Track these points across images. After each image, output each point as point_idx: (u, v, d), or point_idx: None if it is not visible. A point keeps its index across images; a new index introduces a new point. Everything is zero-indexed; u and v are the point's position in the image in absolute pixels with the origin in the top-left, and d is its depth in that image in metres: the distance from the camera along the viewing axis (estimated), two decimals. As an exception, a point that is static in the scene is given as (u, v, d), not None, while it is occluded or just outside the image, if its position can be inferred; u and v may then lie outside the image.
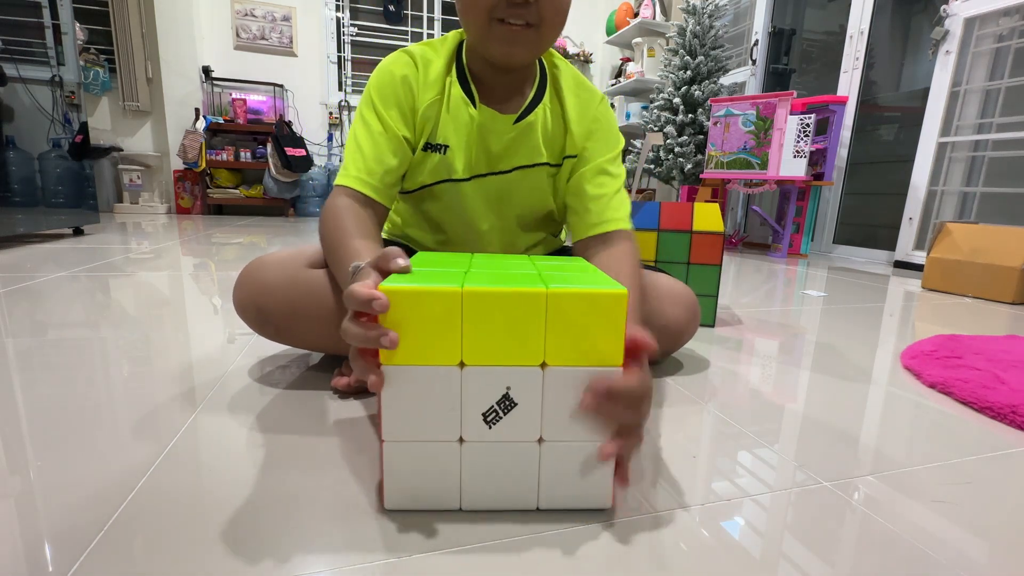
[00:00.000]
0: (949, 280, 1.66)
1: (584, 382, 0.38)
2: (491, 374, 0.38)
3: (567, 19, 0.64)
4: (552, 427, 0.39)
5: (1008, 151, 1.98)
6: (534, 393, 0.38)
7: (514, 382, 0.38)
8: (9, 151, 1.94)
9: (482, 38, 0.62)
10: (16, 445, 0.50)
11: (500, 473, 0.40)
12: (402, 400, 0.38)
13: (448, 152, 0.68)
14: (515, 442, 0.39)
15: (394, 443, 0.39)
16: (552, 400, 0.39)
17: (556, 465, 0.40)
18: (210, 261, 1.73)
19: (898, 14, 2.52)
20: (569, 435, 0.39)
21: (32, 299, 1.09)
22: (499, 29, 0.60)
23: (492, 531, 0.39)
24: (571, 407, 0.39)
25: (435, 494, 0.40)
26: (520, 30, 0.60)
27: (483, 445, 0.39)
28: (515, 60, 0.65)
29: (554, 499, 0.41)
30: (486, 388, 0.38)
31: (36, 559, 0.35)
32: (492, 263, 0.47)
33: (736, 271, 1.94)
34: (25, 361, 0.73)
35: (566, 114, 0.71)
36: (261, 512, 0.41)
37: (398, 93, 0.66)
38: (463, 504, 0.41)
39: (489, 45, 0.63)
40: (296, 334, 0.66)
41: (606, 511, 0.42)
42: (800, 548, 0.39)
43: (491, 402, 0.38)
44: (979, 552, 0.39)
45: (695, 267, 1.03)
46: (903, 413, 0.67)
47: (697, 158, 2.85)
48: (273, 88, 3.94)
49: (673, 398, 0.68)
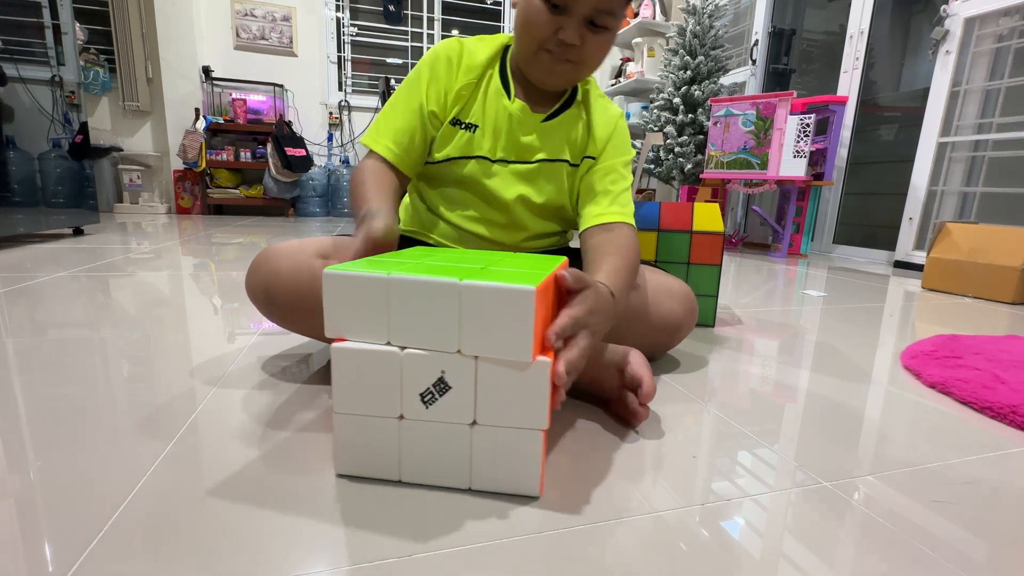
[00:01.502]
0: (949, 280, 1.66)
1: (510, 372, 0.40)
2: (427, 359, 0.41)
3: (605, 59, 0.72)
4: (485, 412, 0.42)
5: (1008, 151, 1.98)
6: (467, 379, 0.41)
7: (448, 367, 0.41)
8: (9, 151, 1.94)
9: (527, 61, 0.70)
10: (16, 445, 0.50)
11: (436, 451, 0.43)
12: (350, 377, 0.42)
13: (477, 132, 0.74)
14: (449, 423, 0.42)
15: (343, 415, 0.43)
16: (485, 387, 0.41)
17: (488, 448, 0.43)
18: (210, 261, 1.73)
19: (898, 14, 2.52)
20: (500, 420, 0.42)
21: (32, 299, 1.09)
22: (545, 58, 0.68)
23: (490, 527, 0.39)
24: (504, 394, 0.41)
25: (378, 465, 0.44)
26: (562, 65, 0.68)
27: (421, 424, 0.42)
28: (550, 87, 0.73)
29: (485, 481, 0.44)
30: (422, 371, 0.41)
31: (36, 559, 0.35)
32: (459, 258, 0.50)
33: (736, 271, 1.94)
34: (25, 361, 0.73)
35: (591, 121, 0.77)
36: (261, 512, 0.41)
37: (440, 73, 0.73)
38: (402, 476, 0.44)
39: (532, 68, 0.71)
40: (300, 321, 0.68)
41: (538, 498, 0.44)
42: (800, 548, 0.39)
43: (427, 384, 0.41)
44: (979, 552, 0.39)
45: (695, 267, 1.03)
46: (903, 413, 0.67)
47: (697, 158, 2.85)
48: (273, 88, 3.94)
49: (673, 398, 0.68)
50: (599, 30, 0.65)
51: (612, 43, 0.69)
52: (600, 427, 0.58)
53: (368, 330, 0.41)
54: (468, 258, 0.50)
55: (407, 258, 0.48)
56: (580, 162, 0.77)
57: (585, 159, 0.77)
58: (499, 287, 0.39)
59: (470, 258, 0.51)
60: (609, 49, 0.70)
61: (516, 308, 0.39)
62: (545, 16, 0.64)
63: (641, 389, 0.56)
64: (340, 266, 0.42)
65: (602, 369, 0.61)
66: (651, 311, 0.74)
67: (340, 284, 0.41)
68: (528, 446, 0.42)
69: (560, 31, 0.64)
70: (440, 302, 0.40)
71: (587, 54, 0.67)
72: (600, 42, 0.67)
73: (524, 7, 0.67)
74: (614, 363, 0.61)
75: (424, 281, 0.40)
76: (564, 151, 0.76)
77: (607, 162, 0.76)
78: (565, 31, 0.64)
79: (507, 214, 0.77)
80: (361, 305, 0.41)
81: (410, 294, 0.40)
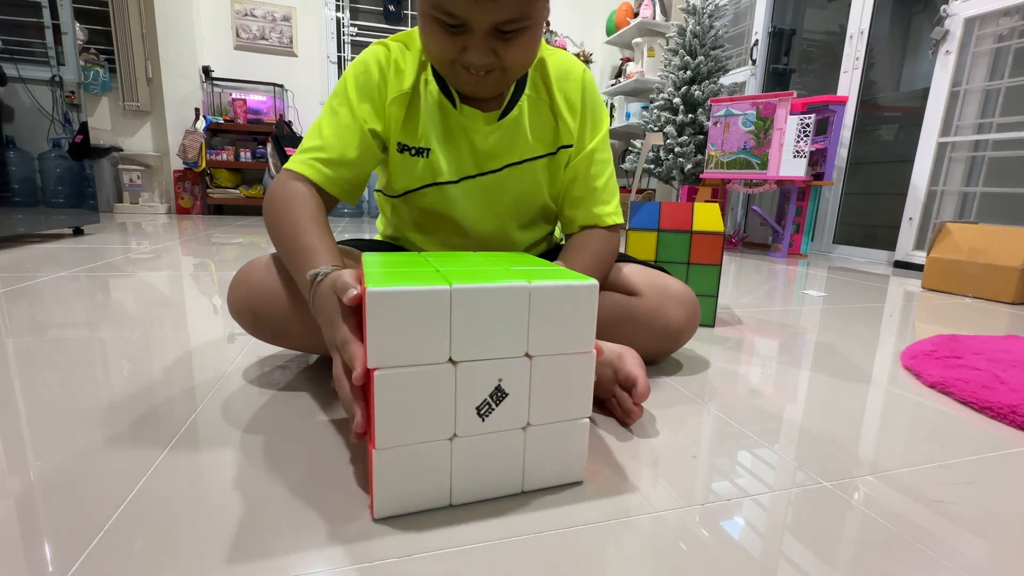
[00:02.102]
0: (949, 280, 1.66)
1: (564, 366, 0.41)
2: (484, 368, 0.39)
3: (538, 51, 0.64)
4: (538, 411, 0.42)
5: (1008, 151, 1.98)
6: (523, 381, 0.40)
7: (505, 373, 0.40)
8: (9, 151, 1.94)
9: (447, 77, 0.62)
10: (16, 445, 0.50)
11: (489, 464, 0.42)
12: (398, 405, 0.37)
13: (431, 155, 0.67)
14: (504, 431, 0.41)
15: (386, 450, 0.38)
16: (539, 386, 0.41)
17: (539, 447, 0.43)
18: (210, 261, 1.73)
19: (898, 14, 2.52)
20: (551, 417, 0.42)
21: (32, 299, 1.09)
22: (463, 75, 0.59)
23: (488, 530, 0.39)
24: (555, 390, 0.42)
25: (426, 495, 0.40)
26: (483, 77, 0.59)
27: (474, 439, 0.40)
28: (483, 96, 0.64)
29: (536, 480, 0.44)
30: (480, 382, 0.39)
31: (36, 559, 0.35)
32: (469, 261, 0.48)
33: (736, 271, 1.94)
34: (25, 361, 0.73)
35: (555, 105, 0.69)
36: (260, 512, 0.41)
37: (372, 85, 0.65)
38: (453, 500, 0.41)
39: (456, 84, 0.62)
40: (292, 336, 0.65)
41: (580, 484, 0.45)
42: (800, 548, 0.39)
43: (484, 395, 0.40)
44: (979, 552, 0.39)
45: (695, 267, 1.03)
46: (903, 413, 0.67)
47: (697, 158, 2.85)
48: (273, 88, 3.95)
49: (673, 398, 0.68)
50: (512, 36, 0.56)
51: (538, 38, 0.60)
52: (600, 427, 0.58)
53: (426, 350, 0.37)
54: (473, 261, 0.48)
55: (420, 267, 0.43)
56: (556, 151, 0.71)
57: (562, 149, 0.70)
58: (567, 284, 0.40)
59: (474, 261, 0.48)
60: (537, 44, 0.60)
61: (582, 302, 0.40)
62: (443, 37, 0.56)
63: (636, 389, 0.56)
64: (382, 283, 0.36)
65: (597, 367, 0.61)
66: (656, 319, 0.72)
67: (392, 304, 0.35)
68: (576, 435, 0.44)
69: (465, 51, 0.56)
70: (509, 307, 0.38)
71: (509, 60, 0.57)
72: (520, 45, 0.57)
73: (421, 26, 0.58)
74: (609, 362, 0.60)
75: (492, 288, 0.38)
76: (532, 147, 0.69)
77: (585, 150, 0.71)
78: (470, 52, 0.56)
79: (480, 236, 0.74)
80: (418, 324, 0.36)
81: (476, 303, 0.37)
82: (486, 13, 0.53)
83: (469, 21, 0.54)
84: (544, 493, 0.44)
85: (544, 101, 0.69)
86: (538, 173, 0.72)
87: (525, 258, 0.52)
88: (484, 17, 0.53)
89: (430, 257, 0.49)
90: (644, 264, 0.80)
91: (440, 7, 0.53)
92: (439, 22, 0.55)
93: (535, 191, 0.73)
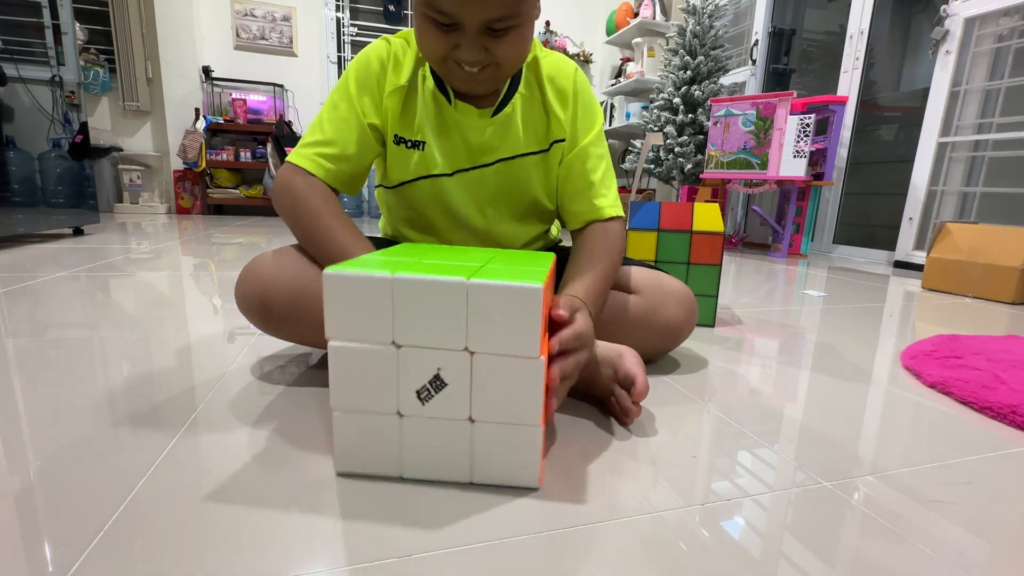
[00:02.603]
0: (949, 280, 1.66)
1: (507, 368, 0.41)
2: (423, 355, 0.41)
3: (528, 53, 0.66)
4: (481, 408, 0.42)
5: (1008, 151, 1.98)
6: (463, 376, 0.42)
7: (444, 364, 0.41)
8: (9, 151, 1.94)
9: (440, 74, 0.64)
10: (16, 445, 0.50)
11: (436, 447, 0.44)
12: (347, 375, 0.42)
13: (426, 148, 0.69)
14: (447, 419, 0.43)
15: (341, 413, 0.43)
16: (480, 383, 0.42)
17: (487, 444, 0.43)
18: (210, 261, 1.73)
19: (898, 14, 2.52)
20: (497, 417, 0.43)
21: (32, 299, 1.09)
22: (457, 72, 0.61)
23: (490, 526, 0.39)
24: (499, 391, 0.42)
25: (379, 462, 0.44)
26: (476, 73, 0.61)
27: (420, 420, 0.43)
28: (477, 92, 0.66)
29: (486, 475, 0.44)
30: (419, 368, 0.42)
31: (36, 559, 0.35)
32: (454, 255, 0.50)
33: (736, 271, 1.94)
34: (25, 361, 0.73)
35: (547, 102, 0.71)
36: (261, 512, 0.41)
37: (372, 79, 0.67)
38: (404, 472, 0.45)
39: (449, 81, 0.65)
40: (299, 329, 0.66)
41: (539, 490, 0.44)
42: (800, 548, 0.39)
43: (423, 381, 0.42)
44: (979, 552, 0.39)
45: (695, 267, 1.03)
46: (903, 413, 0.67)
47: (697, 158, 2.85)
48: (273, 88, 3.94)
49: (673, 398, 0.68)
50: (502, 33, 0.58)
51: (529, 36, 0.62)
52: (600, 427, 0.58)
53: (371, 331, 0.41)
54: (463, 256, 0.50)
55: (405, 256, 0.48)
56: (550, 147, 0.71)
57: (555, 144, 0.71)
58: (507, 285, 0.39)
59: (465, 256, 0.50)
60: (528, 41, 0.62)
61: (524, 305, 0.39)
62: (436, 35, 0.58)
63: (634, 387, 0.56)
64: (340, 266, 0.42)
65: (596, 366, 0.61)
66: (655, 317, 0.73)
67: (342, 285, 0.41)
68: (526, 441, 0.43)
69: (457, 49, 0.58)
70: (447, 301, 0.40)
71: (500, 58, 0.59)
72: (510, 42, 0.59)
73: (416, 24, 0.61)
74: (608, 361, 0.61)
75: (430, 280, 0.40)
76: (524, 143, 0.70)
77: (580, 145, 0.71)
78: (463, 49, 0.58)
79: (476, 232, 0.75)
80: (364, 306, 0.41)
81: (415, 294, 0.40)
82: (476, 12, 0.55)
83: (461, 19, 0.56)
84: (548, 494, 0.44)
85: (537, 99, 0.71)
86: (530, 169, 0.73)
87: (523, 256, 0.52)
88: (475, 15, 0.55)
89: (427, 249, 0.52)
90: (642, 264, 0.80)
91: (432, 6, 0.55)
92: (432, 20, 0.57)
93: (526, 187, 0.74)
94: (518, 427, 0.42)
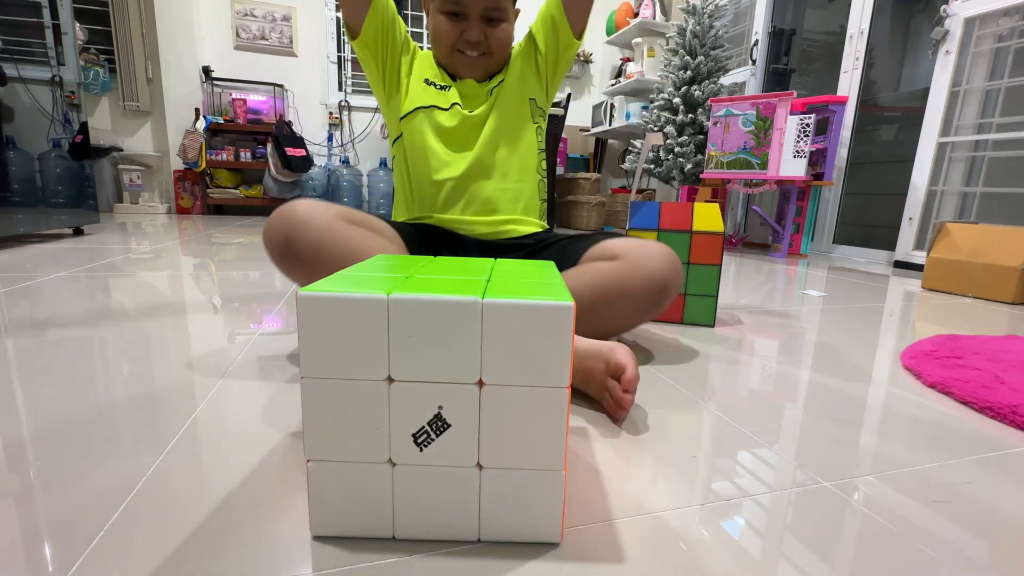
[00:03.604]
0: (949, 280, 1.66)
1: (526, 401, 0.34)
2: (421, 391, 0.34)
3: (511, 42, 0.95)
4: (492, 452, 0.35)
5: (1008, 151, 1.98)
6: (470, 413, 0.34)
7: (447, 400, 0.34)
8: (9, 151, 1.94)
9: (447, 63, 0.94)
10: (16, 445, 0.50)
11: (435, 500, 0.36)
12: (326, 416, 0.35)
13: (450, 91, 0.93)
14: (450, 467, 0.35)
15: (320, 463, 0.36)
16: (490, 422, 0.34)
17: (498, 494, 0.36)
18: (210, 261, 1.73)
19: (898, 14, 2.52)
20: (512, 462, 0.35)
21: (32, 299, 1.09)
22: (460, 57, 0.92)
23: (492, 531, 0.39)
24: (513, 430, 0.34)
25: (365, 522, 0.37)
26: (475, 58, 0.91)
27: (416, 469, 0.35)
28: (474, 77, 0.94)
29: (497, 531, 0.37)
30: (416, 406, 0.34)
31: (36, 559, 0.35)
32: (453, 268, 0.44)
33: (736, 271, 1.94)
34: (25, 361, 0.73)
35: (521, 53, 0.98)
36: (262, 512, 0.41)
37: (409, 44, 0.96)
38: (396, 532, 0.37)
39: (453, 67, 0.94)
40: (313, 273, 0.70)
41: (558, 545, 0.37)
42: (800, 548, 0.39)
43: (422, 422, 0.35)
44: (979, 552, 0.39)
45: (695, 267, 1.03)
46: (903, 413, 0.67)
47: (697, 158, 2.85)
48: (273, 88, 3.94)
49: (673, 398, 0.68)
50: (495, 23, 0.89)
51: (512, 30, 0.92)
52: (600, 428, 0.58)
53: (360, 365, 0.34)
54: (463, 269, 0.44)
55: (393, 272, 0.41)
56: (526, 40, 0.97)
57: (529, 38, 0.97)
58: (533, 304, 0.33)
59: (461, 268, 0.44)
60: (511, 35, 0.92)
61: (554, 326, 0.33)
62: (448, 25, 0.89)
63: (624, 375, 0.58)
64: (316, 286, 0.34)
65: (589, 361, 0.64)
66: (637, 272, 0.75)
67: (323, 310, 0.33)
68: (546, 489, 0.36)
69: (464, 32, 0.88)
70: (456, 325, 0.33)
71: (492, 44, 0.90)
72: (500, 31, 0.90)
73: (432, 22, 0.91)
74: (600, 354, 0.63)
75: (436, 301, 0.33)
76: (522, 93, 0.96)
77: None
78: (468, 31, 0.88)
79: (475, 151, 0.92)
80: (352, 334, 0.33)
81: (417, 317, 0.33)
82: (480, 0, 0.87)
83: (467, 9, 0.87)
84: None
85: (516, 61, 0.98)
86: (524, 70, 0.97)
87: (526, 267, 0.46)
88: (478, 4, 0.87)
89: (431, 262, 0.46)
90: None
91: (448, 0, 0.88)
92: (447, 13, 0.88)
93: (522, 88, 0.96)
94: (536, 472, 0.35)
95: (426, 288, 0.34)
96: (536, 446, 0.35)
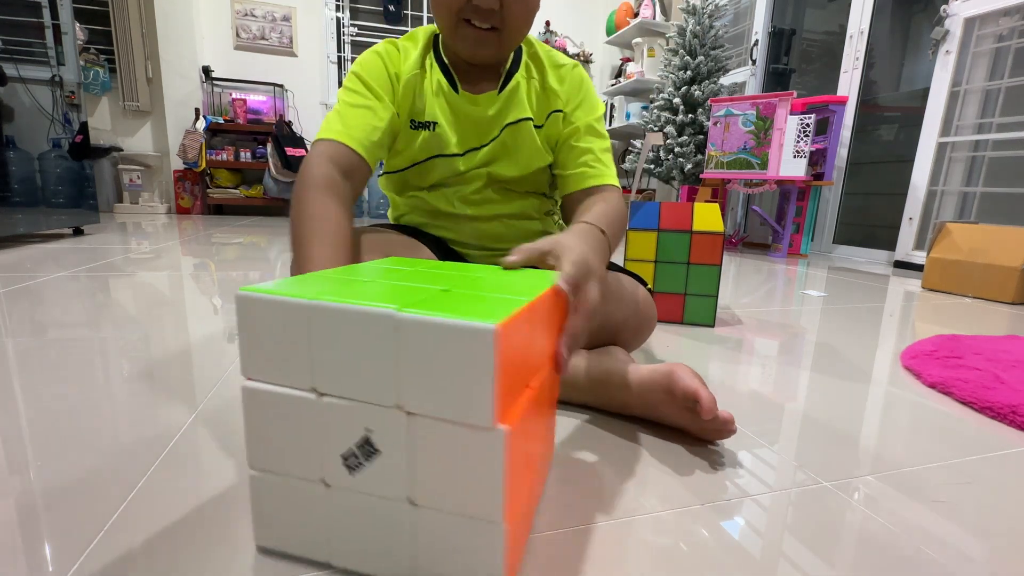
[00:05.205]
0: (949, 280, 1.66)
1: (455, 439, 0.30)
2: (348, 410, 0.31)
3: (533, 22, 0.68)
4: (424, 489, 0.31)
5: (1008, 151, 1.98)
6: (398, 442, 0.31)
7: (375, 424, 0.31)
8: (9, 151, 1.94)
9: (450, 36, 0.67)
10: (16, 445, 0.50)
11: (369, 530, 0.33)
12: (264, 426, 0.33)
13: (438, 128, 0.71)
14: (382, 497, 0.32)
15: (259, 473, 0.34)
16: (423, 457, 0.31)
17: (433, 536, 0.32)
18: (210, 261, 1.73)
19: (898, 14, 2.52)
20: (446, 504, 0.31)
21: (32, 299, 1.09)
22: (465, 30, 0.64)
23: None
24: (446, 467, 0.30)
25: (302, 540, 0.35)
26: (485, 33, 0.64)
27: (348, 494, 0.33)
28: (480, 60, 0.69)
29: (432, 573, 0.33)
30: (343, 426, 0.31)
31: (36, 559, 0.35)
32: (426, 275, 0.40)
33: (736, 271, 1.94)
34: (25, 361, 0.73)
35: (546, 81, 0.74)
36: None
37: (381, 70, 0.69)
38: (331, 558, 0.35)
39: (457, 43, 0.67)
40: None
41: None
42: (800, 548, 0.39)
43: (349, 444, 0.32)
44: (979, 552, 0.39)
45: (695, 267, 1.03)
46: (903, 413, 0.67)
47: (697, 158, 2.85)
48: (273, 88, 3.94)
49: (673, 398, 0.68)
50: None
51: (534, 5, 0.65)
52: (599, 428, 0.58)
53: (289, 371, 0.32)
54: (438, 275, 0.39)
55: (357, 274, 0.38)
56: (547, 119, 0.73)
57: (552, 114, 0.73)
58: (447, 323, 0.28)
59: (441, 275, 0.40)
60: (534, 8, 0.65)
61: (471, 352, 0.28)
62: None
63: (699, 405, 0.50)
64: (258, 287, 0.32)
65: (648, 395, 0.56)
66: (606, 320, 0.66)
67: (256, 311, 0.32)
68: (484, 540, 0.31)
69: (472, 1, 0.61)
70: (370, 339, 0.30)
71: (508, 17, 0.62)
72: (520, 2, 0.62)
73: None
74: (656, 383, 0.55)
75: (350, 311, 0.30)
76: (527, 109, 0.73)
77: (581, 122, 0.72)
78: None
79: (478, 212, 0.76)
80: (281, 339, 0.31)
81: (335, 326, 0.30)
82: None
83: None
84: (544, 491, 0.44)
85: (535, 80, 0.74)
86: (533, 134, 0.74)
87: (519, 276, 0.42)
88: None
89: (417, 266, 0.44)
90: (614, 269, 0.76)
91: None
92: None
93: (532, 150, 0.74)
94: (474, 520, 0.31)
95: (356, 295, 0.31)
96: (472, 491, 0.30)
